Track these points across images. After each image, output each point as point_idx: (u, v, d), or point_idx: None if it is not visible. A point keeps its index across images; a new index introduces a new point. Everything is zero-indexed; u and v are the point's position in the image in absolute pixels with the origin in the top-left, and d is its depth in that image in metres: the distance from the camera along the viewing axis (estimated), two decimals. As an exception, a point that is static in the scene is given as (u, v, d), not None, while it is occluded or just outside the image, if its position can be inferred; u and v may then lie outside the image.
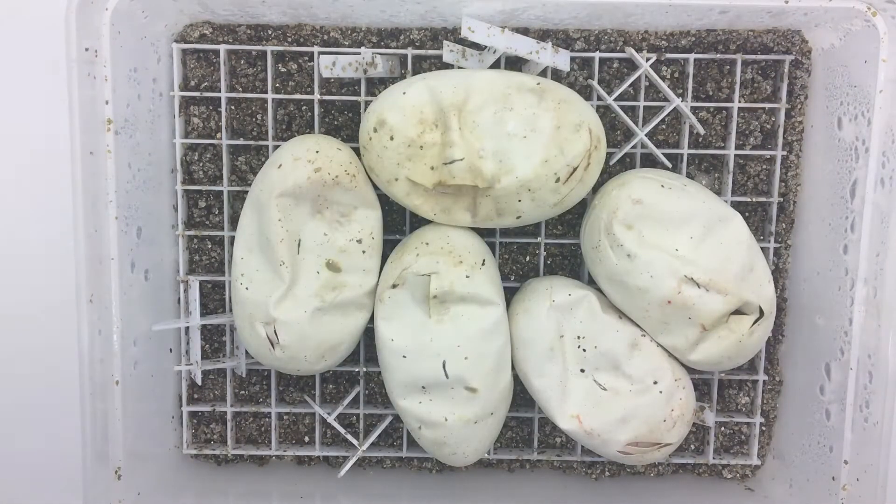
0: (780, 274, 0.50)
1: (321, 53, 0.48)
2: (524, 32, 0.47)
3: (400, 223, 0.50)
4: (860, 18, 0.43)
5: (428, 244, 0.44)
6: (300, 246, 0.44)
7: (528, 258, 0.50)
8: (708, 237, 0.43)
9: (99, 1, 0.42)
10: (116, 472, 0.45)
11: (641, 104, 0.49)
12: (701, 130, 0.49)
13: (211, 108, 0.50)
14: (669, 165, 0.49)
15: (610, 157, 0.48)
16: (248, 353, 0.49)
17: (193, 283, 0.48)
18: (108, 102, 0.43)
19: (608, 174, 0.48)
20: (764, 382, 0.51)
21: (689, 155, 0.49)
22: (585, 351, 0.44)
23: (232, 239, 0.49)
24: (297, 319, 0.43)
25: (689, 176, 0.50)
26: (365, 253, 0.44)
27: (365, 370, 0.51)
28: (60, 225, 0.44)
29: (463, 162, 0.42)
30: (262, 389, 0.52)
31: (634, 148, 0.49)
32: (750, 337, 0.44)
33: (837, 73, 0.46)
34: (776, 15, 0.45)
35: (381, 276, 0.45)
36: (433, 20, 0.47)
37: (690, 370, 0.48)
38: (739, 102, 0.49)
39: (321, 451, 0.51)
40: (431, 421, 0.44)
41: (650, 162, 0.49)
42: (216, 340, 0.52)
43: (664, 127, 0.50)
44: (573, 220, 0.50)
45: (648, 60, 0.48)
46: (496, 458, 0.52)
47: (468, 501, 0.49)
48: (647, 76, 0.48)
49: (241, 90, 0.49)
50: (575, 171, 0.43)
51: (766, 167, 0.50)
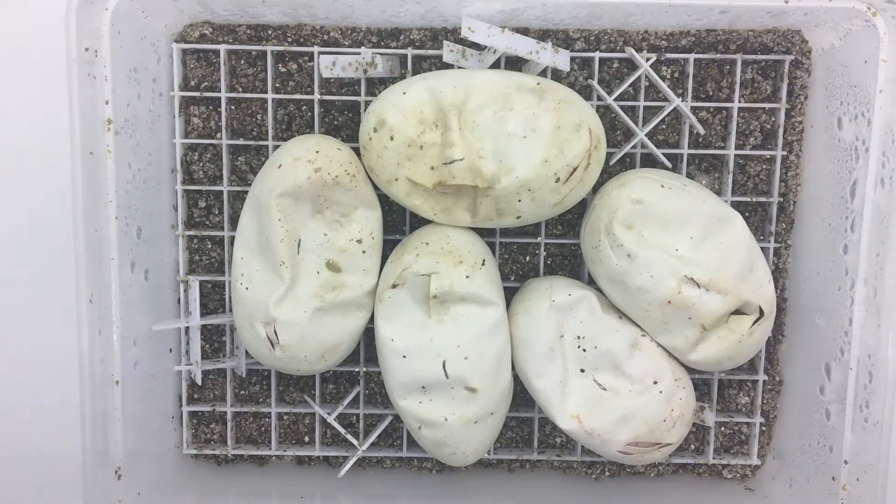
0: (780, 274, 0.50)
1: (321, 53, 0.48)
2: (524, 32, 0.47)
3: (400, 223, 0.50)
4: (860, 18, 0.43)
5: (428, 244, 0.44)
6: (300, 246, 0.44)
7: (528, 258, 0.50)
8: (708, 237, 0.43)
9: (99, 1, 0.42)
10: (116, 472, 0.45)
11: (641, 104, 0.49)
12: (701, 130, 0.49)
13: (211, 108, 0.50)
14: (669, 165, 0.49)
15: (610, 157, 0.48)
16: (248, 353, 0.49)
17: (193, 283, 0.48)
18: (108, 102, 0.43)
19: (608, 174, 0.48)
20: (764, 382, 0.51)
21: (689, 155, 0.49)
22: (585, 351, 0.44)
23: (232, 239, 0.48)
24: (297, 319, 0.43)
25: (689, 176, 0.50)
26: (365, 253, 0.44)
27: (365, 370, 0.51)
28: (60, 225, 0.44)
29: (463, 162, 0.42)
30: (262, 389, 0.52)
31: (634, 148, 0.49)
32: (750, 337, 0.44)
33: (837, 73, 0.46)
34: (776, 15, 0.45)
35: (381, 276, 0.45)
36: (433, 20, 0.47)
37: (690, 370, 0.48)
38: (739, 102, 0.49)
39: (321, 451, 0.51)
40: (431, 421, 0.44)
41: (650, 162, 0.49)
42: (216, 340, 0.52)
43: (664, 127, 0.50)
44: (573, 220, 0.50)
45: (648, 60, 0.48)
46: (496, 458, 0.52)
47: (468, 501, 0.49)
48: (647, 76, 0.48)
49: (241, 90, 0.49)
50: (575, 171, 0.43)
51: (766, 167, 0.50)
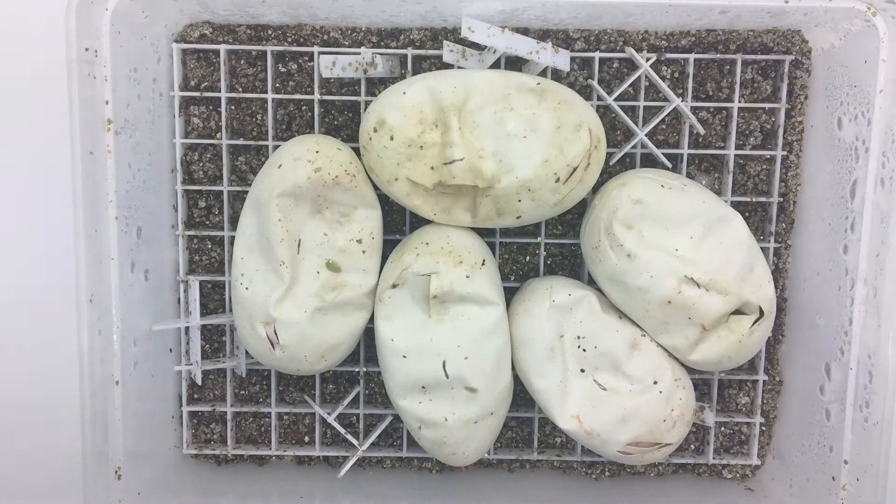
0: (780, 274, 0.50)
1: (321, 53, 0.48)
2: (524, 32, 0.47)
3: (400, 223, 0.50)
4: (860, 18, 0.43)
5: (428, 244, 0.44)
6: (300, 246, 0.44)
7: (528, 258, 0.50)
8: (708, 237, 0.43)
9: (99, 1, 0.42)
10: (116, 472, 0.45)
11: (641, 104, 0.49)
12: (701, 130, 0.49)
13: (211, 108, 0.50)
14: (669, 165, 0.49)
15: (610, 157, 0.48)
16: (248, 353, 0.49)
17: (193, 283, 0.48)
18: (108, 102, 0.43)
19: (608, 174, 0.48)
20: (764, 382, 0.51)
21: (689, 155, 0.49)
22: (585, 351, 0.44)
23: (232, 239, 0.49)
24: (297, 319, 0.43)
25: (689, 176, 0.50)
26: (365, 253, 0.44)
27: (365, 370, 0.51)
28: (60, 225, 0.44)
29: (463, 162, 0.42)
30: (262, 389, 0.52)
31: (634, 148, 0.49)
32: (750, 337, 0.44)
33: (837, 73, 0.46)
34: (776, 15, 0.45)
35: (381, 276, 0.45)
36: (433, 20, 0.47)
37: (690, 370, 0.48)
38: (739, 102, 0.49)
39: (321, 451, 0.51)
40: (431, 421, 0.44)
41: (650, 162, 0.49)
42: (216, 340, 0.52)
43: (664, 127, 0.50)
44: (573, 220, 0.50)
45: (648, 60, 0.48)
46: (496, 458, 0.52)
47: (468, 501, 0.49)
48: (647, 76, 0.48)
49: (241, 90, 0.49)
50: (575, 171, 0.43)
51: (766, 167, 0.50)
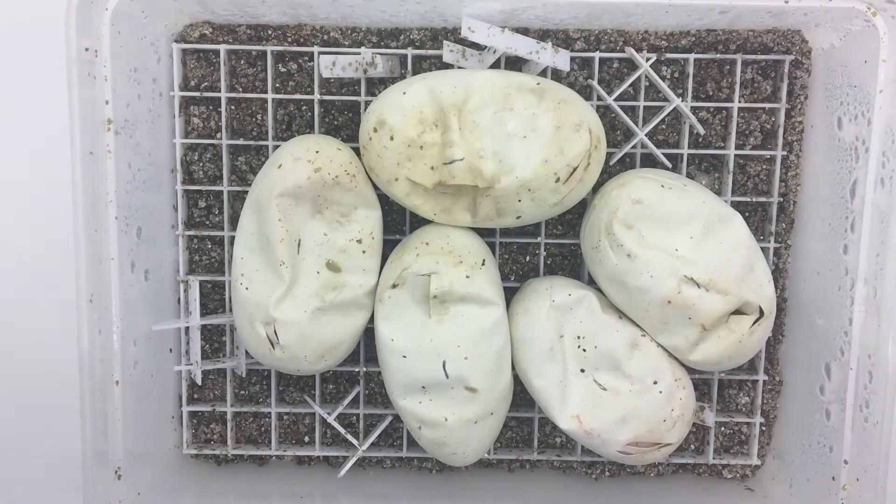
0: (780, 274, 0.50)
1: (321, 53, 0.48)
2: (524, 32, 0.47)
3: (400, 223, 0.50)
4: (860, 18, 0.43)
5: (428, 244, 0.44)
6: (300, 246, 0.44)
7: (528, 258, 0.50)
8: (708, 237, 0.43)
9: (99, 1, 0.42)
10: (116, 472, 0.45)
11: (641, 104, 0.49)
12: (701, 130, 0.49)
13: (211, 108, 0.50)
14: (669, 165, 0.49)
15: (610, 157, 0.48)
16: (248, 353, 0.49)
17: (193, 283, 0.48)
18: (108, 102, 0.43)
19: (608, 174, 0.48)
20: (764, 382, 0.51)
21: (689, 155, 0.49)
22: (585, 351, 0.44)
23: (232, 239, 0.48)
24: (297, 319, 0.43)
25: (689, 176, 0.50)
26: (365, 253, 0.44)
27: (365, 370, 0.51)
28: (60, 225, 0.44)
29: (463, 162, 0.42)
30: (262, 389, 0.52)
31: (634, 148, 0.49)
32: (750, 337, 0.44)
33: (837, 73, 0.46)
34: (776, 15, 0.45)
35: (381, 276, 0.45)
36: (433, 20, 0.47)
37: (690, 370, 0.48)
38: (739, 102, 0.49)
39: (321, 451, 0.51)
40: (431, 421, 0.44)
41: (650, 162, 0.49)
42: (216, 340, 0.52)
43: (664, 127, 0.50)
44: (573, 220, 0.50)
45: (648, 60, 0.48)
46: (496, 458, 0.52)
47: (468, 501, 0.49)
48: (647, 76, 0.48)
49: (241, 90, 0.49)
50: (575, 171, 0.43)
51: (766, 167, 0.50)
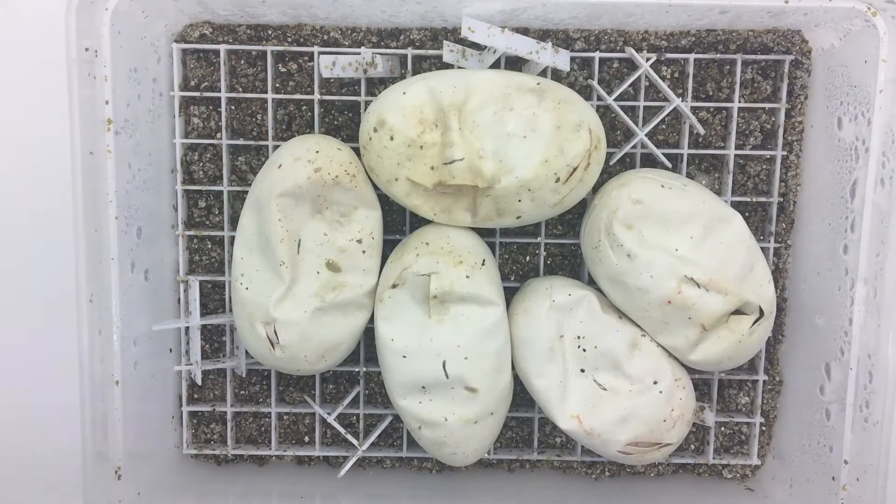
0: (780, 274, 0.50)
1: (321, 53, 0.48)
2: (524, 32, 0.47)
3: (400, 223, 0.50)
4: (860, 18, 0.43)
5: (428, 244, 0.44)
6: (300, 246, 0.44)
7: (528, 258, 0.50)
8: (708, 237, 0.43)
9: (99, 1, 0.42)
10: (116, 472, 0.45)
11: (641, 104, 0.49)
12: (701, 130, 0.49)
13: (211, 108, 0.50)
14: (669, 165, 0.49)
15: (610, 157, 0.48)
16: (248, 353, 0.49)
17: (193, 283, 0.48)
18: (108, 102, 0.43)
19: (608, 174, 0.48)
20: (764, 382, 0.51)
21: (689, 155, 0.49)
22: (585, 351, 0.44)
23: (232, 239, 0.48)
24: (297, 319, 0.43)
25: (689, 176, 0.50)
26: (365, 253, 0.44)
27: (365, 370, 0.51)
28: (60, 225, 0.44)
29: (463, 162, 0.42)
30: (262, 389, 0.52)
31: (634, 148, 0.49)
32: (750, 337, 0.44)
33: (837, 73, 0.46)
34: (776, 15, 0.45)
35: (381, 276, 0.45)
36: (433, 20, 0.47)
37: (690, 370, 0.48)
38: (739, 102, 0.49)
39: (321, 451, 0.51)
40: (431, 421, 0.44)
41: (650, 162, 0.49)
42: (216, 340, 0.52)
43: (664, 127, 0.50)
44: (573, 220, 0.50)
45: (648, 60, 0.48)
46: (496, 458, 0.52)
47: (468, 501, 0.49)
48: (647, 76, 0.48)
49: (241, 90, 0.49)
50: (575, 171, 0.43)
51: (766, 167, 0.50)
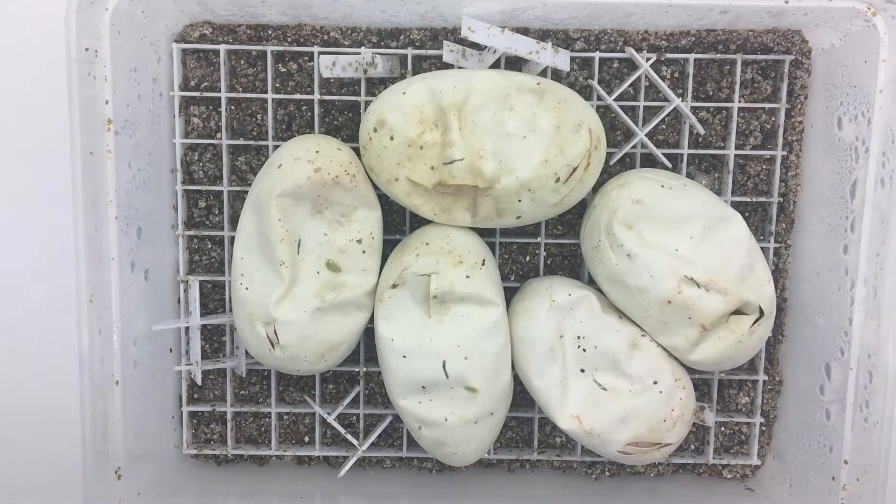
0: (780, 274, 0.50)
1: (321, 53, 0.48)
2: (524, 32, 0.47)
3: (400, 223, 0.50)
4: (860, 18, 0.43)
5: (428, 244, 0.44)
6: (300, 246, 0.44)
7: (528, 258, 0.50)
8: (708, 237, 0.43)
9: (99, 1, 0.42)
10: (116, 472, 0.45)
11: (641, 104, 0.49)
12: (701, 130, 0.49)
13: (211, 108, 0.50)
14: (669, 165, 0.49)
15: (610, 157, 0.48)
16: (248, 353, 0.49)
17: (193, 283, 0.48)
18: (108, 102, 0.43)
19: (608, 174, 0.48)
20: (764, 382, 0.51)
21: (689, 155, 0.49)
22: (585, 351, 0.44)
23: (232, 239, 0.48)
24: (297, 319, 0.43)
25: (689, 176, 0.50)
26: (365, 253, 0.44)
27: (365, 370, 0.51)
28: (60, 225, 0.44)
29: (463, 162, 0.42)
30: (262, 389, 0.52)
31: (634, 148, 0.49)
32: (750, 337, 0.44)
33: (837, 73, 0.46)
34: (776, 15, 0.45)
35: (381, 276, 0.45)
36: (433, 20, 0.47)
37: (690, 370, 0.48)
38: (739, 102, 0.49)
39: (321, 451, 0.51)
40: (431, 421, 0.44)
41: (650, 162, 0.49)
42: (216, 340, 0.52)
43: (664, 127, 0.50)
44: (573, 220, 0.50)
45: (648, 60, 0.48)
46: (496, 458, 0.52)
47: (468, 501, 0.49)
48: (647, 76, 0.48)
49: (241, 90, 0.49)
50: (575, 171, 0.43)
51: (766, 167, 0.50)
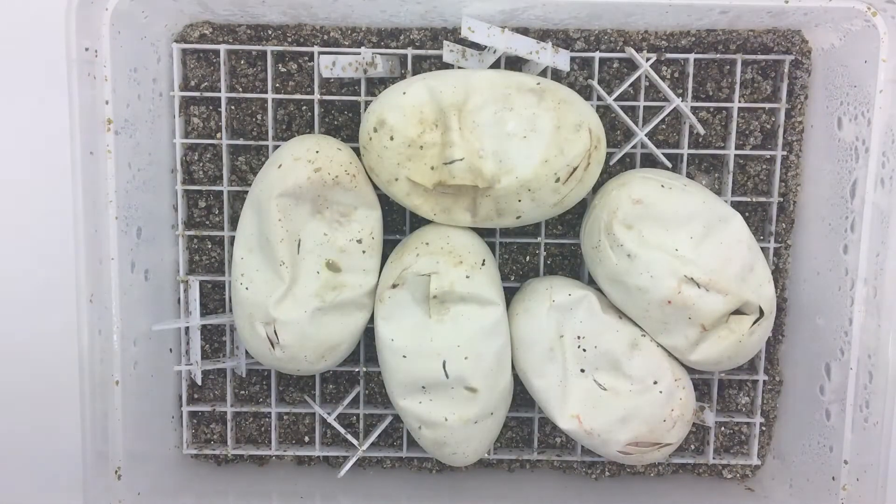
0: (780, 274, 0.50)
1: (321, 53, 0.48)
2: (524, 32, 0.47)
3: (400, 223, 0.50)
4: (860, 18, 0.43)
5: (428, 244, 0.44)
6: (300, 246, 0.44)
7: (528, 258, 0.50)
8: (708, 237, 0.43)
9: (99, 1, 0.42)
10: (116, 472, 0.45)
11: (641, 104, 0.49)
12: (701, 130, 0.49)
13: (211, 108, 0.50)
14: (669, 165, 0.49)
15: (610, 157, 0.48)
16: (248, 353, 0.49)
17: (193, 283, 0.48)
18: (108, 102, 0.43)
19: (608, 174, 0.48)
20: (764, 382, 0.51)
21: (689, 155, 0.49)
22: (585, 351, 0.44)
23: (232, 239, 0.48)
24: (297, 319, 0.43)
25: (689, 176, 0.50)
26: (365, 253, 0.44)
27: (365, 370, 0.51)
28: (60, 225, 0.44)
29: (463, 162, 0.42)
30: (262, 389, 0.52)
31: (634, 148, 0.49)
32: (750, 337, 0.44)
33: (837, 73, 0.46)
34: (776, 15, 0.45)
35: (381, 276, 0.45)
36: (433, 20, 0.47)
37: (690, 370, 0.48)
38: (739, 102, 0.49)
39: (321, 451, 0.51)
40: (431, 421, 0.44)
41: (650, 162, 0.49)
42: (216, 340, 0.52)
43: (664, 127, 0.50)
44: (573, 220, 0.50)
45: (648, 60, 0.48)
46: (496, 458, 0.52)
47: (468, 501, 0.49)
48: (647, 76, 0.48)
49: (241, 90, 0.49)
50: (575, 171, 0.43)
51: (766, 167, 0.50)
